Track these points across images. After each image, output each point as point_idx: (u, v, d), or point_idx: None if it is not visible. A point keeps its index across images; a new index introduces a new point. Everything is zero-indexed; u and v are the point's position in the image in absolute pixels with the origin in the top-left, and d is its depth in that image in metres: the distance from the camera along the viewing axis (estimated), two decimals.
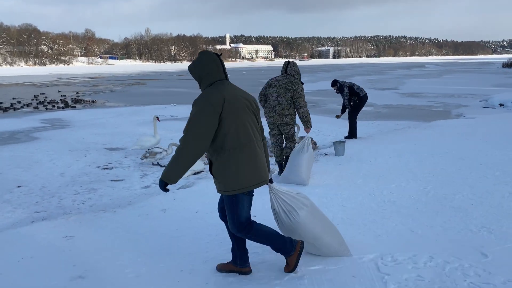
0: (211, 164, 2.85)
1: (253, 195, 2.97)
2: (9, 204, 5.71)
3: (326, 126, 12.08)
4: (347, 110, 9.46)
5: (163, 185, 2.77)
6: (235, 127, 2.67)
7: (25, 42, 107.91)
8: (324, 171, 6.35)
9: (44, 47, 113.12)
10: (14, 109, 17.42)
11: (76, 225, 4.51)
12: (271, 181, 3.06)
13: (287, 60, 6.40)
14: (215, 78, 2.71)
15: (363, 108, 9.71)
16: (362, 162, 6.84)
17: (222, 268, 3.28)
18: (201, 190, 5.62)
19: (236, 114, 2.66)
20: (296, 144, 6.08)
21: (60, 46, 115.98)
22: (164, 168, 3.55)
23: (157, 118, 8.57)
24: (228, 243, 3.55)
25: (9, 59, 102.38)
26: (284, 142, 6.33)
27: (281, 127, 6.13)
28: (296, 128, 9.37)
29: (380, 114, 14.18)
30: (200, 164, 7.40)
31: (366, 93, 9.41)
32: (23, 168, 7.56)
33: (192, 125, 2.62)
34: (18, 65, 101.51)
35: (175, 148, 7.13)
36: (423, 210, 4.61)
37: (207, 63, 2.69)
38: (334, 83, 9.41)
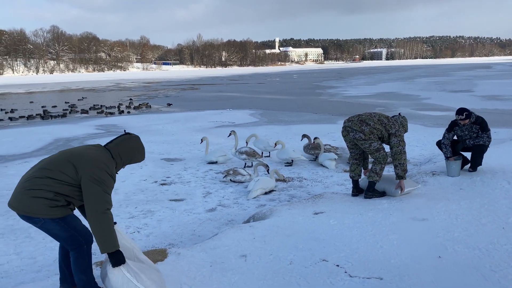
0: None
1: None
2: None
3: (408, 134, 10.49)
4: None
5: (119, 257, 2.76)
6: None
7: (85, 49, 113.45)
8: (444, 197, 4.80)
9: (103, 54, 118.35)
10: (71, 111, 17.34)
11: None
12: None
13: None
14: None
15: (442, 114, 7.77)
16: (493, 187, 5.11)
17: None
18: (285, 222, 4.27)
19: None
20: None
21: (117, 53, 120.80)
22: None
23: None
24: None
25: (71, 66, 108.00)
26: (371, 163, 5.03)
27: (356, 142, 4.84)
28: (306, 140, 7.96)
29: None
30: (272, 181, 6.23)
31: None
32: None
33: None
34: (79, 71, 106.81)
35: (261, 169, 6.66)
36: None
37: None
38: (468, 115, 5.77)
